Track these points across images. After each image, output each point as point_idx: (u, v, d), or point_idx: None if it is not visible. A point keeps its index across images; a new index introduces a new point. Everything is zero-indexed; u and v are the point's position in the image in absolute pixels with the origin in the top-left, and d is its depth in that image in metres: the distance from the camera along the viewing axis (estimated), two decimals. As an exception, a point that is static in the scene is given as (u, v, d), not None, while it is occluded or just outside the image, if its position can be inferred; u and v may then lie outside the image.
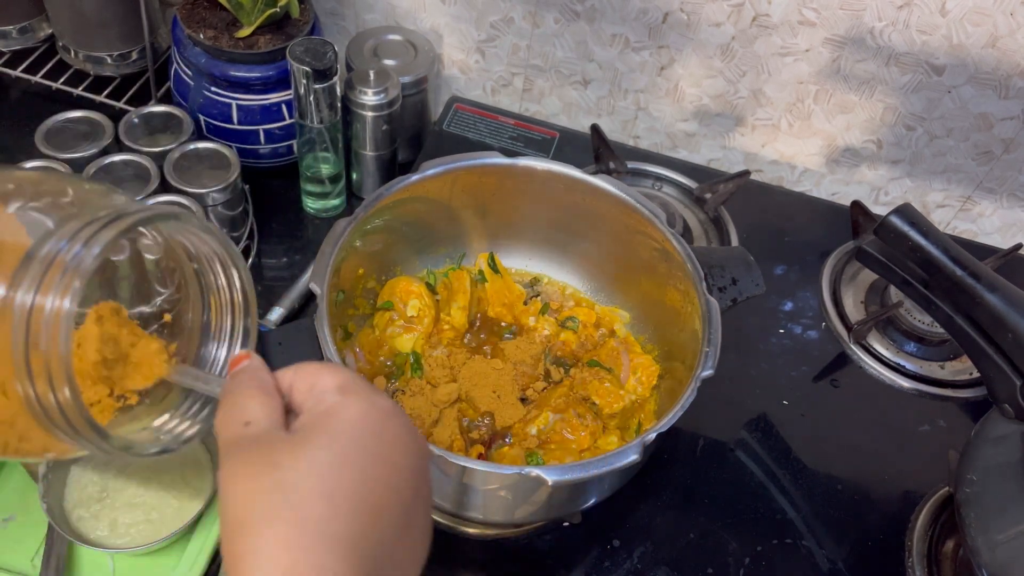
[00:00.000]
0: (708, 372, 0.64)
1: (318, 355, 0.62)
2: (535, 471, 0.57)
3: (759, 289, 0.74)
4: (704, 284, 0.69)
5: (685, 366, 0.71)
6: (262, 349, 0.62)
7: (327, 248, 0.68)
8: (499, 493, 0.63)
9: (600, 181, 0.75)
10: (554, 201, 0.78)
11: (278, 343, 0.63)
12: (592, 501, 0.68)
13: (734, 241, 0.96)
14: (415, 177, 0.73)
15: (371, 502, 0.38)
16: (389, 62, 0.99)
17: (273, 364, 0.62)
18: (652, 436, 0.61)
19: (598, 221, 0.78)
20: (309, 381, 0.42)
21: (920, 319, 0.89)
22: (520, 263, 0.85)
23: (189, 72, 0.92)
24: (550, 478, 0.57)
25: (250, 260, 0.91)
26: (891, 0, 0.88)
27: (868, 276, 0.96)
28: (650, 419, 0.75)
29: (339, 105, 0.88)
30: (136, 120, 0.89)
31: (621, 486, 0.69)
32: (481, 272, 0.82)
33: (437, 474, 0.62)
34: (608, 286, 0.83)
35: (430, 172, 0.74)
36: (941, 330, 0.86)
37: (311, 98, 0.84)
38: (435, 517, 0.73)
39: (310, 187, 0.95)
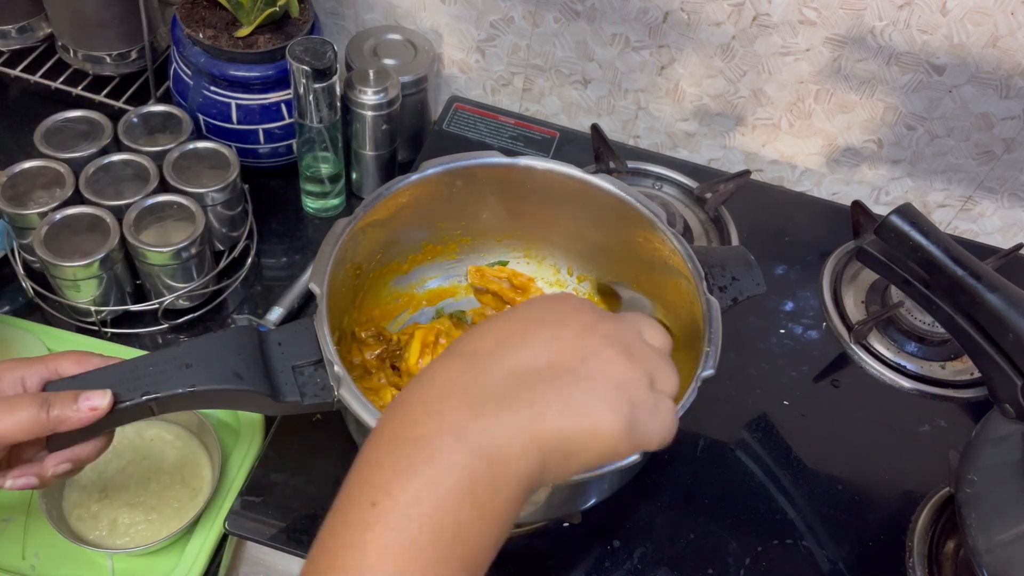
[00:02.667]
0: (709, 372, 0.64)
1: (318, 355, 0.62)
2: None
3: (760, 288, 0.73)
4: (704, 283, 0.69)
5: (686, 366, 0.71)
6: (262, 349, 0.62)
7: (327, 248, 0.67)
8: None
9: (601, 180, 0.75)
10: (554, 201, 0.78)
11: (277, 343, 0.63)
12: (592, 501, 0.68)
13: (734, 241, 0.96)
14: (415, 177, 0.73)
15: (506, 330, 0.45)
16: (389, 62, 0.99)
17: (273, 365, 0.62)
18: None
19: (598, 220, 0.78)
20: None
21: (921, 319, 0.89)
22: (520, 263, 0.85)
23: (188, 72, 0.92)
24: None
25: (249, 260, 0.91)
26: (891, 0, 0.88)
27: (869, 276, 0.96)
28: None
29: (339, 105, 0.88)
30: (135, 120, 0.89)
31: (621, 486, 0.69)
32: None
33: None
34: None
35: (430, 171, 0.73)
36: (942, 330, 0.86)
37: (311, 98, 0.84)
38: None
39: (310, 187, 0.95)
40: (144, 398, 0.56)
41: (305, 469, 0.75)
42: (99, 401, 0.54)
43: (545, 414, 0.41)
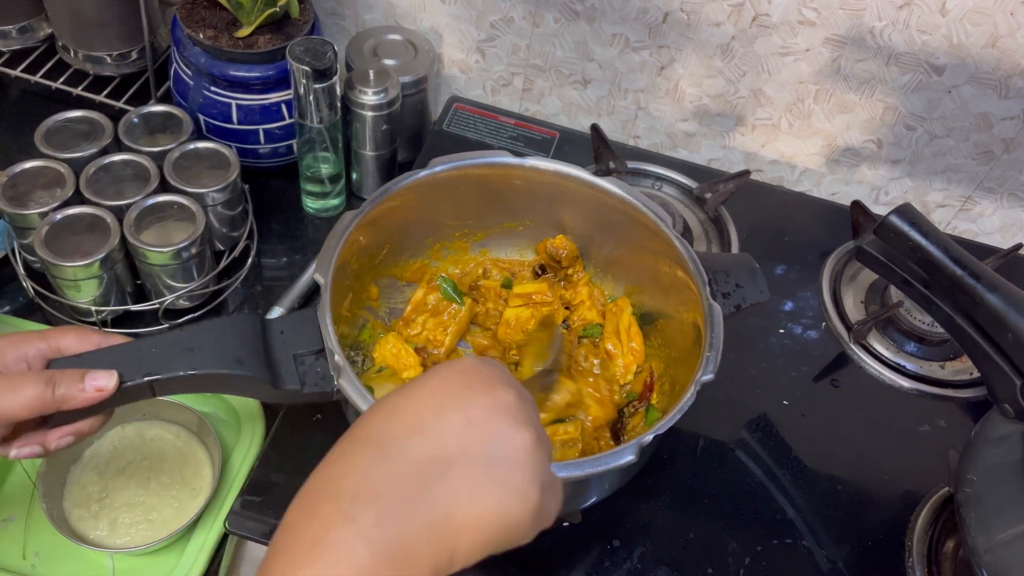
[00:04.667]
0: (708, 376, 0.64)
1: (320, 344, 0.63)
2: None
3: (763, 296, 0.73)
4: (708, 289, 0.69)
5: (687, 369, 0.71)
6: (264, 337, 0.62)
7: (332, 241, 0.68)
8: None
9: (607, 183, 0.75)
10: (560, 202, 0.78)
11: (280, 331, 0.63)
12: (592, 500, 0.68)
13: (734, 241, 0.96)
14: (423, 173, 0.73)
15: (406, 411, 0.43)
16: (389, 62, 0.99)
17: (274, 353, 0.62)
18: (649, 438, 0.61)
19: (603, 222, 0.78)
20: None
21: (920, 319, 0.89)
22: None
23: (189, 72, 0.92)
24: None
25: (250, 260, 0.91)
26: (891, 0, 0.88)
27: (868, 276, 0.96)
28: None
29: (339, 105, 0.88)
30: (136, 120, 0.89)
31: (620, 486, 0.69)
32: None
33: None
34: (611, 287, 0.83)
35: (438, 169, 0.74)
36: (941, 330, 0.86)
37: (311, 98, 0.84)
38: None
39: (310, 187, 0.95)
40: (146, 379, 0.57)
41: (305, 469, 0.74)
42: (105, 382, 0.54)
43: (455, 512, 0.40)
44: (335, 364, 0.61)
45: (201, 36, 0.88)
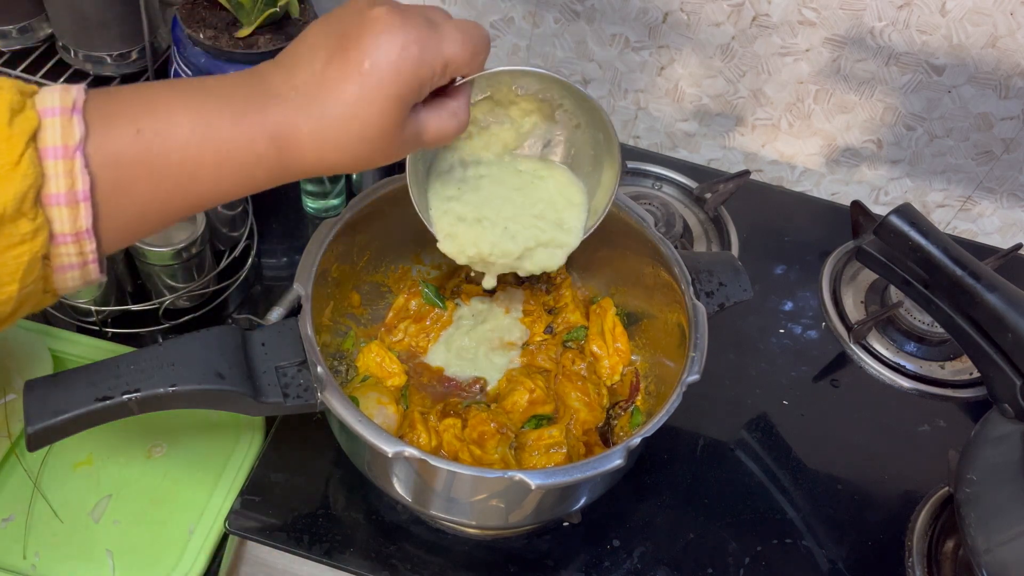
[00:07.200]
0: (694, 377, 0.64)
1: (301, 356, 0.62)
2: (519, 475, 0.57)
3: (747, 294, 0.73)
4: (691, 289, 0.69)
5: (672, 369, 0.71)
6: (245, 349, 0.62)
7: (312, 248, 0.67)
8: (489, 502, 0.63)
9: None
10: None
11: (261, 343, 0.62)
12: (583, 502, 0.68)
13: (734, 241, 0.96)
14: (402, 179, 0.73)
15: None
16: (389, 62, 0.99)
17: (256, 365, 0.61)
18: (637, 441, 0.60)
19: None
20: None
21: (920, 319, 0.89)
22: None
23: (189, 72, 0.92)
24: (534, 482, 0.57)
25: (250, 260, 0.91)
26: (891, 0, 0.88)
27: (868, 276, 0.96)
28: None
29: (339, 105, 0.88)
30: (136, 120, 0.89)
31: (611, 486, 0.69)
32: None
33: (418, 481, 0.62)
34: (596, 288, 0.83)
35: None
36: (941, 330, 0.86)
37: (311, 98, 0.84)
38: (435, 513, 0.73)
39: (310, 187, 0.95)
40: (125, 396, 0.56)
41: (305, 469, 0.75)
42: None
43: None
44: (318, 376, 0.61)
45: (201, 36, 0.88)
